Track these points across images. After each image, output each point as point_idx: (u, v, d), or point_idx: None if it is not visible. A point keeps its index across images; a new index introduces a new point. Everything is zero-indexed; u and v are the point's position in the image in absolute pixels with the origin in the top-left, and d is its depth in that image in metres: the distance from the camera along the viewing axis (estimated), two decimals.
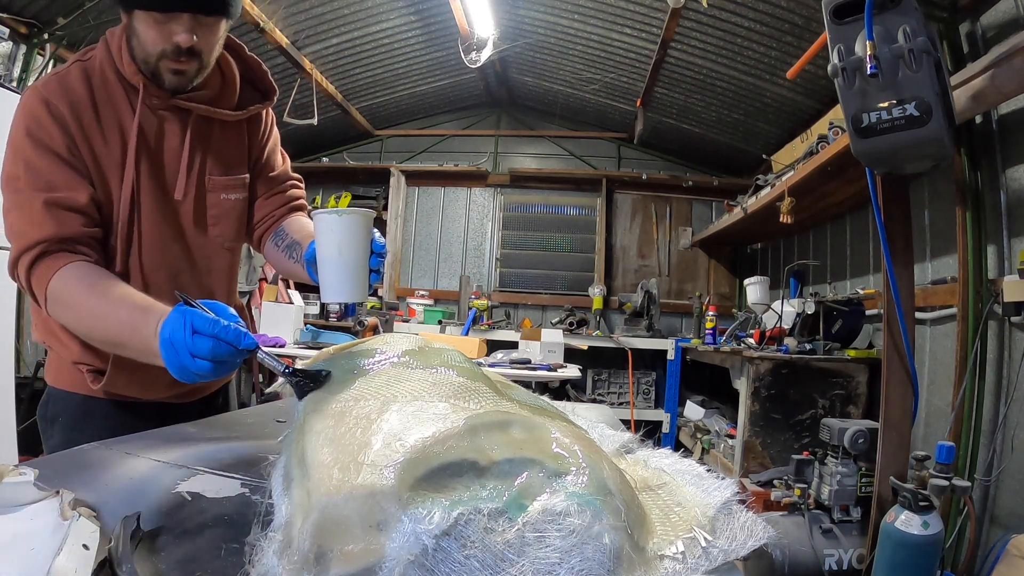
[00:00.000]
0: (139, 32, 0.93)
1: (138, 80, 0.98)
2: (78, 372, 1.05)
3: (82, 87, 0.96)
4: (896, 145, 1.43)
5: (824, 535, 1.94)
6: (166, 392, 1.11)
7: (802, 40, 2.85)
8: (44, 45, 3.14)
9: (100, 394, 1.05)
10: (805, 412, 2.49)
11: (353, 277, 0.85)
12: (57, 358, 1.09)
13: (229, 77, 1.09)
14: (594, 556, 0.46)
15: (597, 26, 3.56)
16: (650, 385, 4.47)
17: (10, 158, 0.93)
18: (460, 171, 5.01)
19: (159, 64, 0.96)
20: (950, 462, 1.58)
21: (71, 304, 0.90)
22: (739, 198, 3.54)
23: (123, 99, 1.00)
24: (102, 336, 0.90)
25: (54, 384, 1.10)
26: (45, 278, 0.90)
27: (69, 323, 0.94)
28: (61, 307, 0.90)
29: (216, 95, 1.07)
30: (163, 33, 0.92)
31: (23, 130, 0.92)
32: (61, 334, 1.04)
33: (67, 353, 1.05)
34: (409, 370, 0.72)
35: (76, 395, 1.07)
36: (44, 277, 0.90)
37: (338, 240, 0.83)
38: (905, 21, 1.37)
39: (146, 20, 0.92)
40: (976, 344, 2.00)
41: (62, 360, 1.08)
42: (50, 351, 1.11)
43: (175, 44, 0.93)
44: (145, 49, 0.94)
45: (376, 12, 3.60)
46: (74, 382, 1.07)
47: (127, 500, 0.62)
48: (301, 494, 0.53)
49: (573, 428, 0.67)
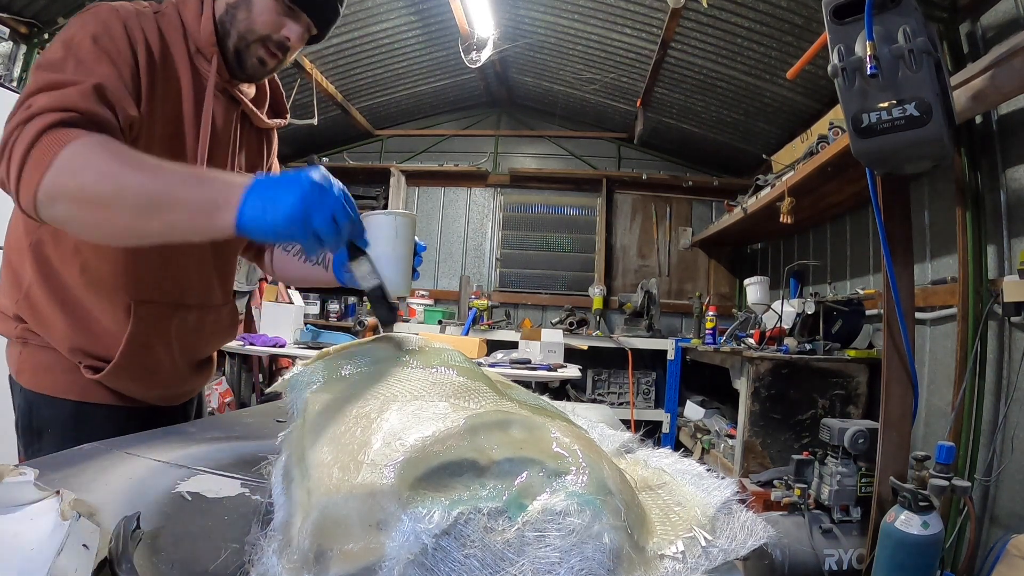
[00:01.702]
0: (255, 9, 0.92)
1: (212, 51, 0.94)
2: (66, 372, 0.93)
3: (155, 33, 0.91)
4: (896, 145, 1.43)
5: (824, 535, 1.94)
6: (161, 389, 1.05)
7: (802, 40, 2.85)
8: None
9: (93, 398, 0.95)
10: (805, 412, 2.49)
11: (404, 272, 0.90)
12: (37, 354, 0.94)
13: (263, 89, 1.11)
14: (594, 555, 0.46)
15: (597, 26, 3.56)
16: (650, 385, 4.47)
17: (58, 51, 0.80)
18: (460, 171, 5.01)
19: (251, 45, 0.95)
20: (950, 462, 1.57)
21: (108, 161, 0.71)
22: (739, 198, 3.54)
23: (184, 64, 0.95)
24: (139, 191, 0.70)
25: (35, 389, 0.94)
26: (63, 141, 0.71)
27: (89, 185, 0.71)
28: (86, 168, 0.70)
29: (256, 100, 1.08)
30: (277, 22, 0.93)
31: (88, 34, 0.82)
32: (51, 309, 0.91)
33: (57, 337, 0.91)
34: (409, 370, 0.72)
35: (66, 401, 0.94)
36: (62, 140, 0.71)
37: (392, 239, 0.88)
38: (905, 21, 1.37)
39: (270, 3, 0.92)
40: (976, 344, 2.00)
41: (44, 356, 0.94)
42: (23, 345, 0.94)
43: (282, 36, 0.94)
44: (252, 26, 0.93)
45: (376, 12, 3.60)
46: (62, 385, 0.94)
47: (127, 500, 0.62)
48: (301, 493, 0.53)
49: (573, 428, 0.67)
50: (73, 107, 0.74)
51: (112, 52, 0.83)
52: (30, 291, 0.92)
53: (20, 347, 0.95)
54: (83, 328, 0.93)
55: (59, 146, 0.70)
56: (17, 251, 0.94)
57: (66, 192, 0.71)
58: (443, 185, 5.17)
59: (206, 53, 0.95)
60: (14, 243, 0.95)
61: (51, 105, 0.73)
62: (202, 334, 1.09)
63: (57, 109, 0.73)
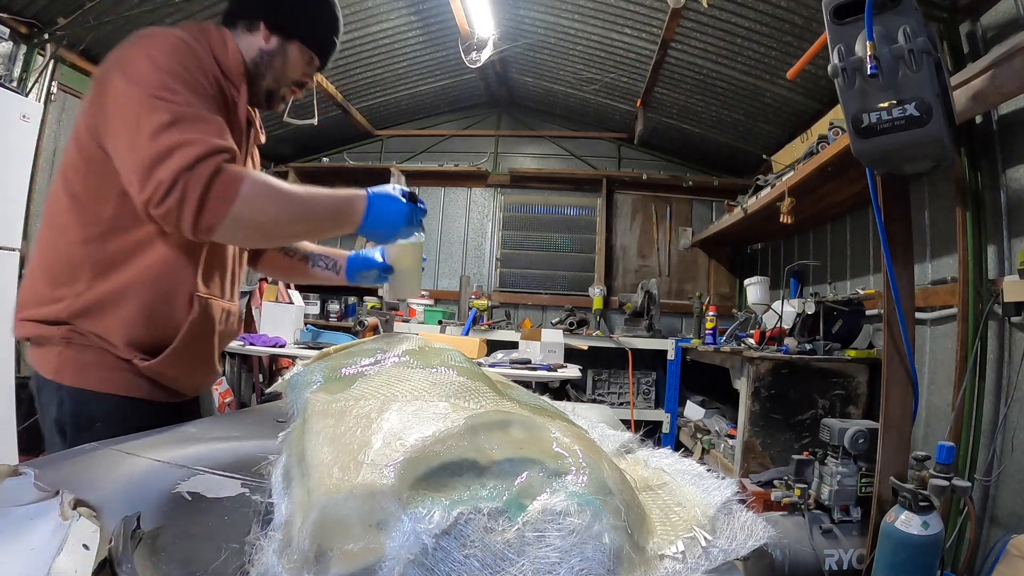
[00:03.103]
0: (290, 59, 1.14)
1: (241, 80, 1.10)
2: (111, 369, 1.01)
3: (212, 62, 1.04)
4: (896, 145, 1.43)
5: (824, 535, 1.94)
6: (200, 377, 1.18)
7: (802, 40, 2.85)
8: (44, 45, 3.15)
9: (136, 393, 1.03)
10: (805, 412, 2.49)
11: (417, 282, 1.27)
12: (82, 353, 1.00)
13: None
14: (594, 556, 0.46)
15: (597, 26, 3.56)
16: (650, 385, 4.47)
17: (151, 74, 0.91)
18: (460, 171, 5.01)
19: (283, 87, 1.17)
20: (950, 462, 1.57)
21: (277, 194, 0.95)
22: (739, 198, 3.54)
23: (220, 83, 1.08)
24: (311, 212, 0.99)
25: (81, 385, 1.00)
26: (238, 180, 0.90)
27: (271, 213, 0.94)
28: (265, 200, 0.93)
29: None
30: (305, 70, 1.17)
31: (174, 57, 0.94)
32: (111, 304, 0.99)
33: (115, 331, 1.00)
34: (409, 370, 0.72)
35: (111, 396, 1.01)
36: (237, 179, 0.90)
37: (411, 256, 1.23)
38: (905, 21, 1.37)
39: (302, 55, 1.15)
40: (976, 344, 2.00)
41: (90, 354, 1.00)
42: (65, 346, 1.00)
43: (305, 80, 1.19)
44: (286, 71, 1.15)
45: (376, 12, 3.60)
46: (107, 381, 1.01)
47: (127, 500, 0.62)
48: (301, 493, 0.53)
49: (573, 428, 0.67)
50: (226, 148, 0.91)
51: (202, 80, 0.98)
52: (85, 291, 0.99)
53: (61, 348, 1.00)
54: (144, 319, 1.01)
55: (237, 184, 0.90)
56: (64, 262, 1.00)
57: (252, 219, 0.92)
58: (443, 185, 5.17)
59: (235, 81, 1.09)
60: (59, 256, 1.01)
61: (214, 147, 0.90)
62: (229, 328, 1.21)
63: (215, 151, 0.89)
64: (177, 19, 3.28)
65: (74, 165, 0.99)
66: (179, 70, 0.93)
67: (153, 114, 0.88)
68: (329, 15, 1.17)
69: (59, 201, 1.01)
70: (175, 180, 0.86)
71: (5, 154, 2.64)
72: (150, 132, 0.87)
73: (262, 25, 1.11)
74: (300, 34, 1.13)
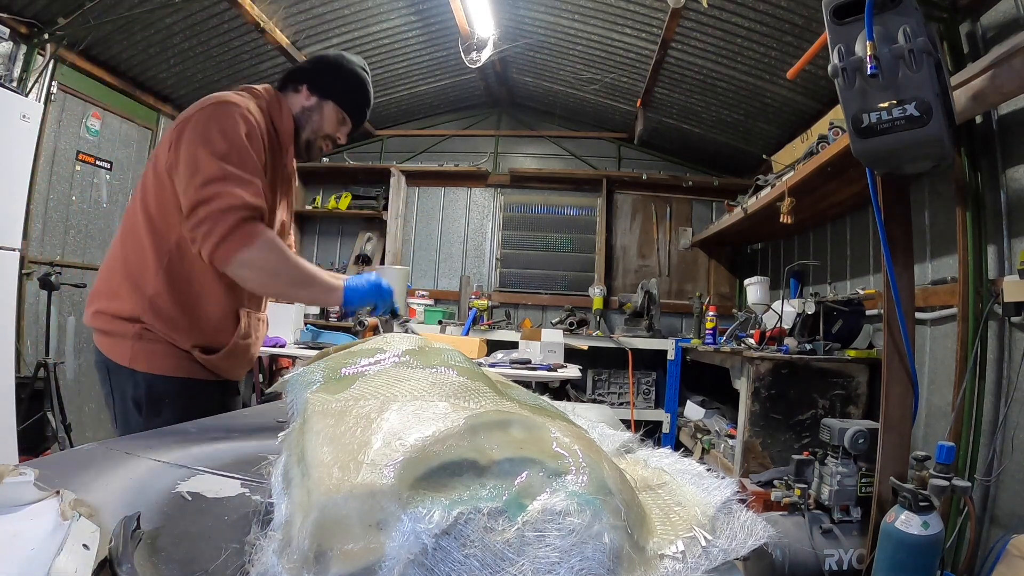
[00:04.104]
0: (326, 116, 1.44)
1: (290, 140, 1.42)
2: (177, 358, 1.28)
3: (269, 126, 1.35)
4: (896, 145, 1.44)
5: (824, 535, 1.94)
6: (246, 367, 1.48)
7: (802, 40, 2.85)
8: (44, 45, 3.15)
9: (197, 375, 1.31)
10: (805, 412, 2.49)
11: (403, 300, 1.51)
12: (153, 345, 1.26)
13: None
14: (594, 555, 0.46)
15: (597, 26, 3.56)
16: (650, 385, 4.47)
17: (218, 141, 1.19)
18: (460, 171, 5.00)
19: (318, 139, 1.46)
20: (950, 462, 1.57)
21: (283, 255, 1.22)
22: (739, 198, 3.54)
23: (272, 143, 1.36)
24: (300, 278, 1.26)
25: (153, 371, 1.27)
26: (256, 231, 1.18)
27: (270, 267, 1.21)
28: (273, 253, 1.21)
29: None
30: (338, 128, 1.47)
31: (242, 129, 1.22)
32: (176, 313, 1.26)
33: (182, 333, 1.27)
34: (409, 370, 0.72)
35: (177, 378, 1.29)
36: (255, 231, 1.18)
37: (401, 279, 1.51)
38: (905, 21, 1.37)
39: (337, 115, 1.45)
40: (976, 344, 2.00)
41: (160, 346, 1.26)
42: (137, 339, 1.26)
43: (336, 136, 1.48)
44: (323, 127, 1.44)
45: (376, 12, 3.60)
46: (174, 367, 1.28)
47: (127, 500, 0.62)
48: (301, 493, 0.53)
49: (573, 428, 0.67)
50: (254, 207, 1.19)
51: (259, 151, 1.26)
52: (156, 299, 1.25)
53: (134, 341, 1.26)
54: (201, 327, 1.31)
55: (253, 237, 1.18)
56: (140, 269, 1.26)
57: (255, 264, 1.20)
58: (443, 185, 5.17)
59: (284, 142, 1.41)
60: (136, 263, 1.27)
61: (244, 204, 1.17)
62: (262, 332, 1.53)
63: (244, 207, 1.17)
64: (177, 19, 3.28)
65: (151, 188, 1.26)
66: (238, 142, 1.21)
67: (209, 168, 1.16)
68: (357, 83, 1.47)
69: (136, 215, 1.27)
70: (208, 218, 1.15)
71: (5, 154, 2.64)
72: (202, 180, 1.16)
73: (305, 87, 1.42)
74: (333, 95, 1.43)
